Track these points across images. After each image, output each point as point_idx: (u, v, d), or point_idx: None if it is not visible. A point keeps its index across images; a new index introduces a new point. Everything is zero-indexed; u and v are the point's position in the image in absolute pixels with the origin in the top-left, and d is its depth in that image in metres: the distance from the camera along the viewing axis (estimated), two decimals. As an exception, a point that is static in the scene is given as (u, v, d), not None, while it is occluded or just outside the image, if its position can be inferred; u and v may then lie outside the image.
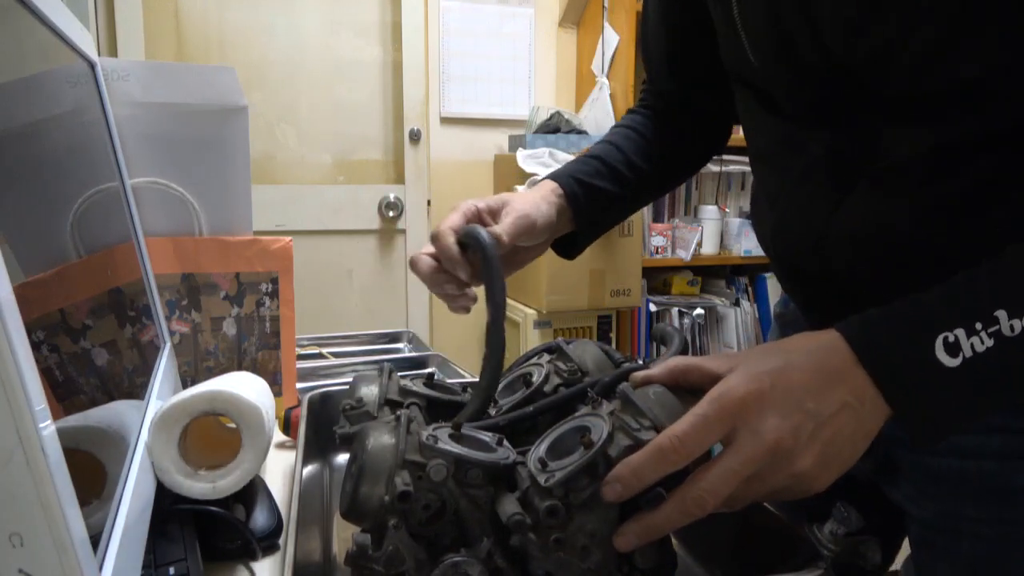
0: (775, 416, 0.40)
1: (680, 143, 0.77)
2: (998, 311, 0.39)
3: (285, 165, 2.34)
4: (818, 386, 0.41)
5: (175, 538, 0.55)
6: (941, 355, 0.40)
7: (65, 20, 0.55)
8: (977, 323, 0.39)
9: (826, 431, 0.41)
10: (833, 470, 0.42)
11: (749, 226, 2.41)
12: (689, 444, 0.40)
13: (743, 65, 0.57)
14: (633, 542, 0.41)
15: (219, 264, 0.87)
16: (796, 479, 0.41)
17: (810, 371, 0.42)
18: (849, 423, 0.41)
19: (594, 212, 0.71)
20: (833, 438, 0.41)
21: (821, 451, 0.41)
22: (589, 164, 0.72)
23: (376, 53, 2.40)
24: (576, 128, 2.37)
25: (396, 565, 0.40)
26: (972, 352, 0.39)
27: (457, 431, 0.46)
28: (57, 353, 0.52)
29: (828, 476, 0.42)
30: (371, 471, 0.42)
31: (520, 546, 0.40)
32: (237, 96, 0.84)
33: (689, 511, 0.40)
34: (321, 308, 2.36)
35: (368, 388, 0.58)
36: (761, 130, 0.62)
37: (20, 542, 0.27)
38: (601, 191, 0.70)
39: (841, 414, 0.41)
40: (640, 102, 0.80)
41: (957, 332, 0.40)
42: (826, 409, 0.41)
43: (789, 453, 0.40)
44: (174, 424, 0.56)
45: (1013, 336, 0.39)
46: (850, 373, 0.42)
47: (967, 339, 0.39)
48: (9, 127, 0.46)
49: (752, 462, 0.40)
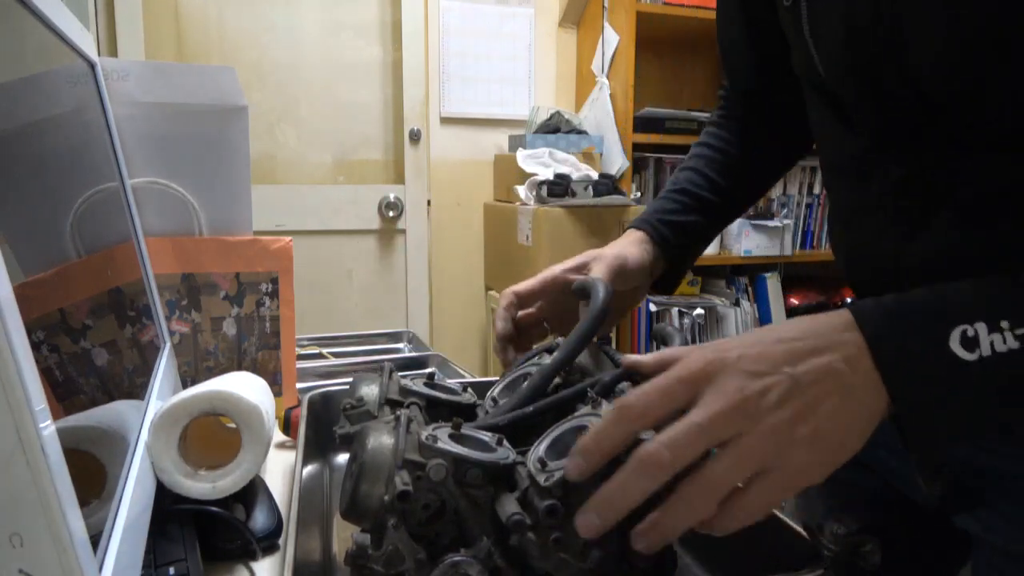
0: (743, 376, 0.36)
1: (763, 150, 0.74)
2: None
3: (285, 165, 2.34)
4: (800, 352, 0.37)
5: (175, 538, 0.55)
6: (955, 346, 0.35)
7: (65, 20, 0.55)
8: (1004, 320, 0.35)
9: (805, 394, 0.36)
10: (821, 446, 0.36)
11: (749, 226, 2.41)
12: (649, 404, 0.37)
13: (813, 73, 0.54)
14: (594, 521, 0.36)
15: (219, 264, 0.87)
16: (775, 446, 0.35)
17: (794, 340, 0.38)
18: (836, 390, 0.36)
19: (683, 246, 0.71)
20: (815, 404, 0.35)
21: (802, 413, 0.35)
22: (673, 201, 0.71)
23: (376, 53, 2.40)
24: (576, 128, 2.37)
25: (396, 565, 0.40)
26: (991, 351, 0.35)
27: (457, 431, 0.46)
28: (57, 353, 0.52)
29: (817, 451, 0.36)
30: (371, 471, 0.42)
31: (520, 546, 0.40)
32: (237, 96, 0.84)
33: (646, 469, 0.35)
34: (321, 308, 2.36)
35: (368, 387, 0.58)
36: (833, 142, 0.58)
37: (20, 542, 0.27)
38: (687, 225, 0.70)
39: (826, 380, 0.36)
40: (718, 111, 0.78)
41: (978, 326, 0.35)
42: (806, 372, 0.36)
43: (758, 410, 0.35)
44: (174, 424, 0.56)
45: None
46: (845, 340, 0.37)
47: (988, 335, 0.35)
48: (9, 127, 0.46)
49: (717, 418, 0.35)
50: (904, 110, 0.48)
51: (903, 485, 0.61)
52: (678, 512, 0.36)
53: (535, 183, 2.12)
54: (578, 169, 2.21)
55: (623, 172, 2.32)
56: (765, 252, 2.45)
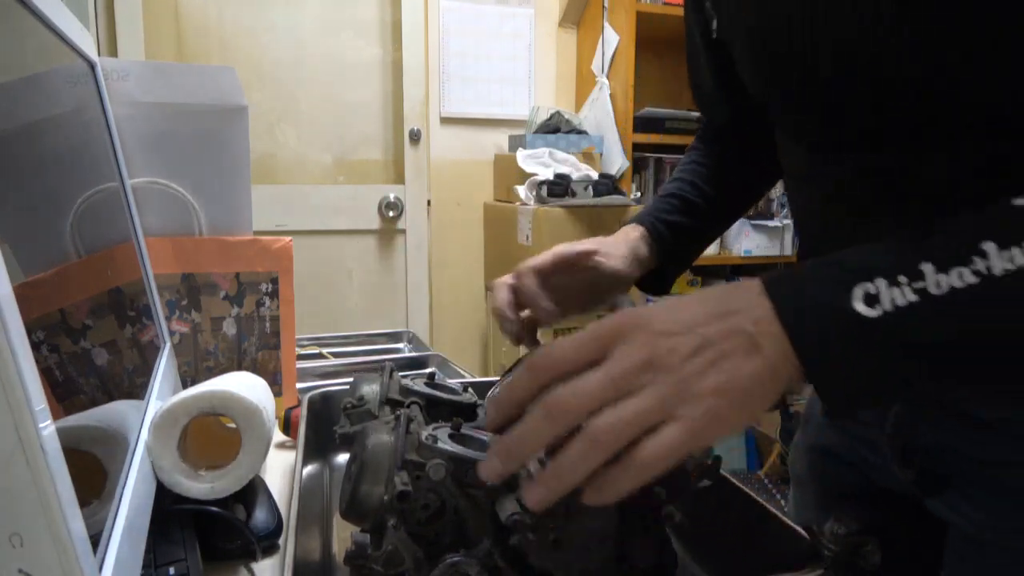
0: (653, 335, 0.37)
1: (741, 168, 0.77)
2: (924, 264, 0.35)
3: (285, 165, 2.34)
4: (711, 313, 0.38)
5: (175, 538, 0.55)
6: (858, 304, 0.36)
7: (65, 20, 0.55)
8: (901, 275, 0.35)
9: (712, 350, 0.37)
10: (726, 398, 0.36)
11: (749, 226, 2.41)
12: (559, 358, 0.38)
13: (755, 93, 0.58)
14: (496, 466, 0.37)
15: (219, 264, 0.87)
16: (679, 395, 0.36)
17: (706, 304, 0.39)
18: (742, 347, 0.37)
19: (677, 247, 0.73)
20: (721, 359, 0.36)
21: (707, 367, 0.36)
22: (667, 203, 0.74)
23: (376, 53, 2.40)
24: (576, 128, 2.37)
25: (395, 565, 0.40)
26: (893, 306, 0.35)
27: (457, 431, 0.46)
28: (57, 353, 0.52)
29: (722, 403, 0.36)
30: (370, 471, 0.42)
31: (519, 546, 0.40)
32: (237, 96, 0.84)
33: (550, 412, 0.36)
34: (321, 308, 2.36)
35: (369, 387, 0.58)
36: (784, 150, 0.61)
37: (20, 542, 0.27)
38: (682, 226, 0.73)
39: (733, 338, 0.37)
40: (697, 139, 0.82)
41: (878, 283, 0.36)
42: (715, 332, 0.37)
43: (664, 364, 0.36)
44: (174, 424, 0.56)
45: (939, 294, 0.35)
46: (753, 303, 0.38)
47: (887, 289, 0.35)
48: (9, 127, 0.46)
49: (624, 370, 0.36)
50: (825, 117, 0.50)
51: (886, 480, 0.63)
52: (577, 454, 0.36)
53: (535, 183, 2.12)
54: (578, 169, 2.22)
55: (623, 172, 2.32)
56: (765, 252, 2.45)
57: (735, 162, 0.77)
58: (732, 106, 0.73)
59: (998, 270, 0.34)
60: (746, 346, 0.37)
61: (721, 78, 0.71)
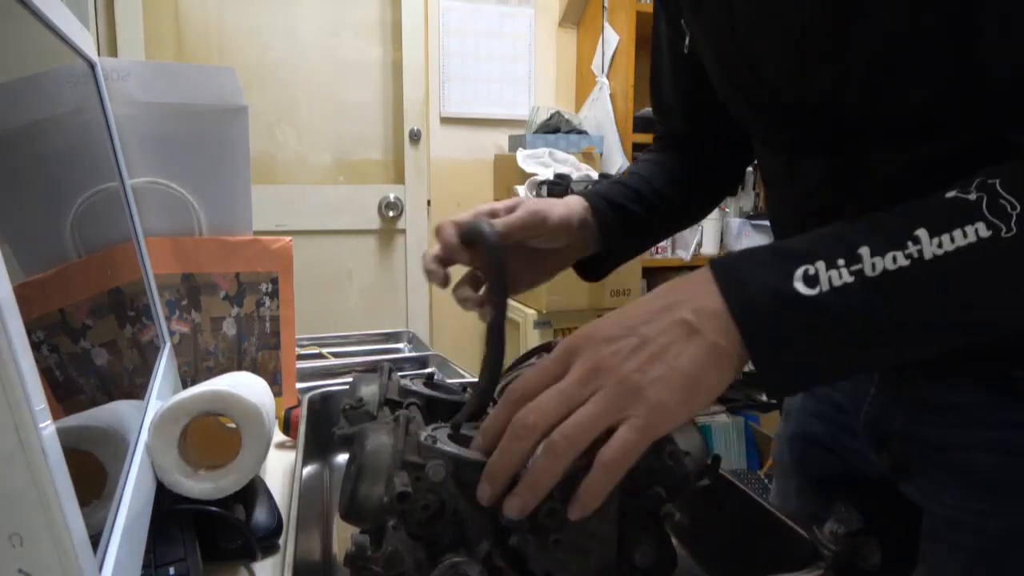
0: (599, 343, 0.40)
1: (699, 177, 0.78)
2: (861, 248, 0.38)
3: (285, 165, 2.34)
4: (652, 311, 0.41)
5: (175, 538, 0.55)
6: (799, 284, 0.38)
7: (65, 20, 0.55)
8: (840, 259, 0.38)
9: (652, 344, 0.39)
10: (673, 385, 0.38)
11: (749, 226, 2.41)
12: (529, 386, 0.41)
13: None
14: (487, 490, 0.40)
15: (219, 264, 0.87)
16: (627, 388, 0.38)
17: (652, 301, 0.42)
18: (683, 336, 0.39)
19: (622, 233, 0.71)
20: (661, 352, 0.39)
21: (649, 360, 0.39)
22: (616, 187, 0.72)
23: (376, 53, 2.40)
24: (576, 128, 2.37)
25: (395, 566, 0.40)
26: (830, 285, 0.38)
27: (456, 431, 0.46)
28: (57, 353, 0.52)
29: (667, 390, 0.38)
30: (370, 472, 0.42)
31: (519, 546, 0.40)
32: (237, 96, 0.84)
33: (517, 433, 0.39)
34: (321, 308, 2.36)
35: (368, 388, 0.58)
36: (761, 156, 0.65)
37: (20, 542, 0.27)
38: (630, 212, 0.71)
39: (672, 330, 0.40)
40: (655, 144, 0.82)
41: (818, 265, 0.38)
42: (655, 328, 0.40)
43: (609, 367, 0.39)
44: (174, 424, 0.56)
45: (874, 276, 0.38)
46: (700, 291, 0.41)
47: (826, 271, 0.38)
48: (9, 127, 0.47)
49: (575, 381, 0.39)
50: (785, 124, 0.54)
51: (866, 467, 0.65)
52: (540, 464, 0.38)
53: (535, 183, 2.12)
54: (578, 169, 2.22)
55: (623, 172, 2.32)
56: (765, 252, 2.44)
57: (690, 169, 0.77)
58: (692, 121, 0.76)
59: (928, 254, 0.37)
60: (684, 334, 0.39)
61: (686, 92, 0.74)
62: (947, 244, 0.37)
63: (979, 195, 0.38)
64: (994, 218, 0.37)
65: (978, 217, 0.37)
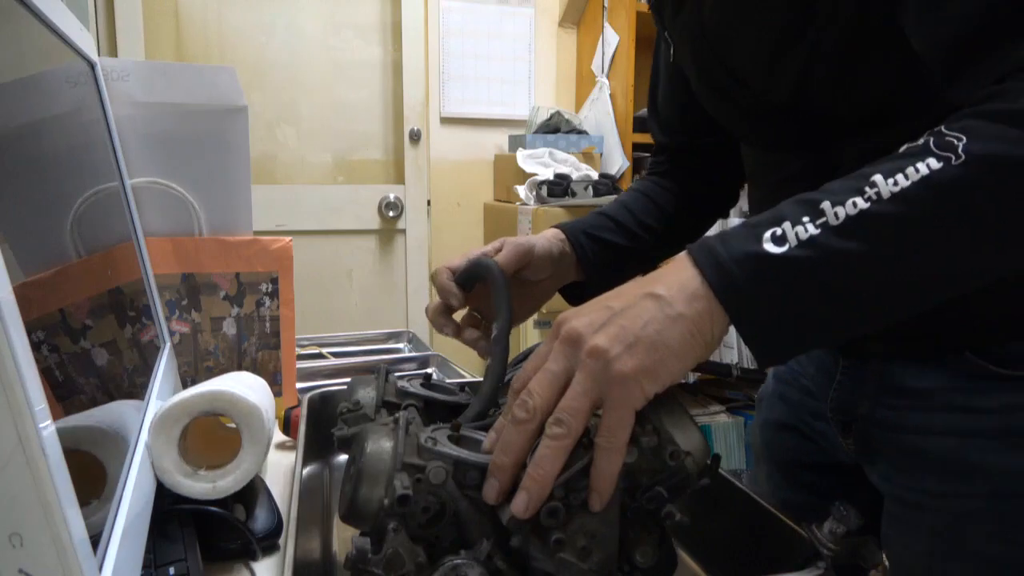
0: (573, 323, 0.42)
1: (691, 203, 0.80)
2: (823, 203, 0.40)
3: (285, 165, 2.34)
4: (625, 291, 0.43)
5: (175, 538, 0.55)
6: (768, 245, 0.40)
7: (65, 20, 0.55)
8: (804, 216, 0.40)
9: (622, 317, 0.41)
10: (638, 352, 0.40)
11: (749, 226, 2.41)
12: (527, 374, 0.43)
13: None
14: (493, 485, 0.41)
15: (219, 264, 0.87)
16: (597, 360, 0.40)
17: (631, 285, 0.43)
18: (650, 309, 0.41)
19: (602, 262, 0.73)
20: (632, 325, 0.40)
21: (616, 332, 0.40)
22: (596, 219, 0.75)
23: (376, 53, 2.40)
24: (576, 128, 2.37)
25: (396, 568, 0.40)
26: (797, 240, 0.39)
27: (456, 433, 0.46)
28: (57, 353, 0.52)
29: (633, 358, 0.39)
30: (370, 474, 0.42)
31: (520, 547, 0.40)
32: (237, 96, 0.84)
33: (515, 419, 0.41)
34: (321, 308, 2.36)
35: (365, 390, 0.58)
36: (745, 156, 0.68)
37: (20, 542, 0.27)
38: (609, 243, 0.73)
39: (643, 302, 0.41)
40: (649, 169, 0.84)
41: (784, 226, 0.40)
42: (624, 302, 0.42)
43: (581, 340, 0.41)
44: (174, 424, 0.56)
45: (837, 224, 0.39)
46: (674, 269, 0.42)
47: (792, 228, 0.40)
48: (9, 127, 0.46)
49: (555, 358, 0.41)
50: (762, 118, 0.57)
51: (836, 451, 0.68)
52: (542, 455, 0.39)
53: (535, 183, 2.12)
54: (578, 169, 2.21)
55: (623, 172, 2.32)
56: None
57: (682, 195, 0.80)
58: (686, 131, 0.79)
59: (886, 193, 0.39)
60: (657, 308, 0.41)
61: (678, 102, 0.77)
62: (902, 181, 0.39)
63: (926, 139, 0.40)
64: (942, 152, 0.39)
65: (927, 154, 0.39)
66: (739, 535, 0.55)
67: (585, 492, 0.40)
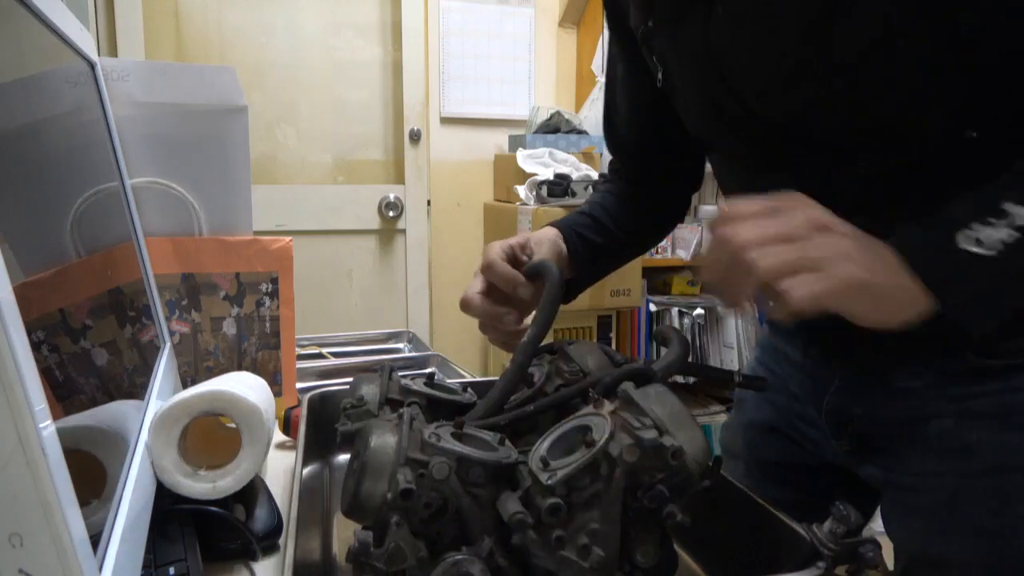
0: (819, 209, 0.46)
1: (651, 209, 0.84)
2: (1005, 204, 0.43)
3: (285, 165, 2.34)
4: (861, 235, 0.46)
5: (175, 538, 0.55)
6: (963, 242, 0.44)
7: (65, 20, 0.55)
8: (989, 216, 0.43)
9: (864, 249, 0.45)
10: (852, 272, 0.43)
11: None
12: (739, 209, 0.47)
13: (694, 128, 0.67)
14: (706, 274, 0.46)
15: (219, 264, 0.87)
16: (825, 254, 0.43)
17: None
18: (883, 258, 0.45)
19: (588, 262, 0.76)
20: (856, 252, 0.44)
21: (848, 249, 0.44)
22: (580, 218, 0.79)
23: (376, 53, 2.40)
24: (576, 128, 2.37)
25: (397, 563, 0.40)
26: (1002, 244, 0.43)
27: (459, 430, 0.46)
28: (57, 353, 0.52)
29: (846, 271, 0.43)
30: (373, 468, 0.42)
31: (521, 544, 0.40)
32: (237, 96, 0.84)
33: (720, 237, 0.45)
34: (321, 308, 2.36)
35: (369, 387, 0.58)
36: (723, 174, 0.70)
37: (20, 542, 0.27)
38: (593, 244, 0.77)
39: (878, 249, 0.46)
40: (609, 175, 0.88)
41: (974, 226, 0.44)
42: (866, 242, 0.45)
43: (825, 225, 0.45)
44: (174, 424, 0.56)
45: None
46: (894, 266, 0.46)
47: (984, 229, 0.43)
48: (9, 127, 0.46)
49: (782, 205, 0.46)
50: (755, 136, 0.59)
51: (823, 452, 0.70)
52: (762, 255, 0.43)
53: (535, 183, 2.12)
54: (578, 169, 2.21)
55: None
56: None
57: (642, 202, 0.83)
58: (646, 157, 0.82)
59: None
60: (885, 259, 0.45)
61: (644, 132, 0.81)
62: None
63: None
64: None
65: None
66: (739, 535, 0.55)
67: (587, 490, 0.40)
